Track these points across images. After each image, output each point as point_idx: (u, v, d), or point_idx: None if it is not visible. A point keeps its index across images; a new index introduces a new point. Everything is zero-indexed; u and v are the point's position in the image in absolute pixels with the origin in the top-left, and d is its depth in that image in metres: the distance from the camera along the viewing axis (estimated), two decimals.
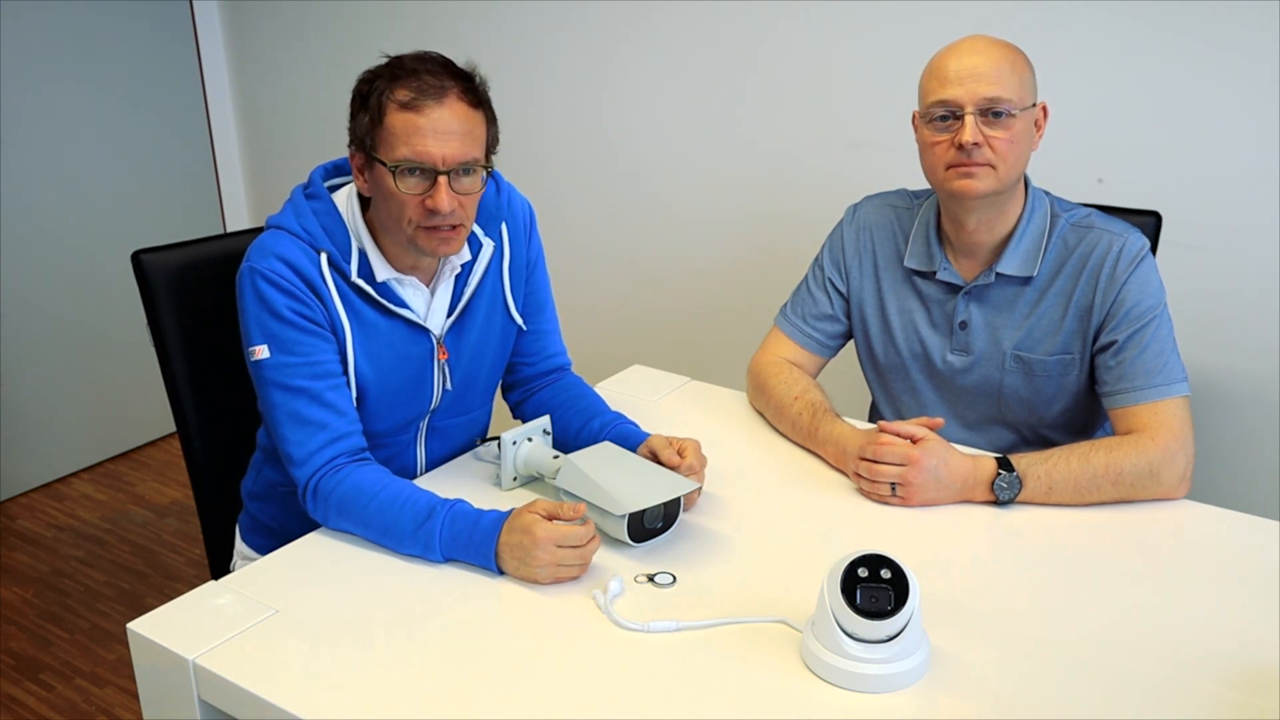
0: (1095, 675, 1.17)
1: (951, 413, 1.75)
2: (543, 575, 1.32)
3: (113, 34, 3.15)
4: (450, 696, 1.14)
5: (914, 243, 1.72)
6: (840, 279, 1.80)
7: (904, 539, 1.45)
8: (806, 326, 1.81)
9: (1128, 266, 1.59)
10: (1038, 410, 1.70)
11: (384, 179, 1.41)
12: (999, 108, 1.54)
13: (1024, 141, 1.57)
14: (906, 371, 1.77)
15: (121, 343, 3.28)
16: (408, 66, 1.40)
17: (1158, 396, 1.55)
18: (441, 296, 1.56)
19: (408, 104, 1.38)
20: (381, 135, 1.40)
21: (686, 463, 1.49)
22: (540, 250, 1.70)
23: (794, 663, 1.19)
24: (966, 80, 1.54)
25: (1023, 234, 1.63)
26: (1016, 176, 1.60)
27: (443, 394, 1.60)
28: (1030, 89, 1.58)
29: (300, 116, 3.29)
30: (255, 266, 1.44)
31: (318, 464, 1.44)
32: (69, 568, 2.84)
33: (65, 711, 2.31)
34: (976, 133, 1.54)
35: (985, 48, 1.56)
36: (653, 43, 2.58)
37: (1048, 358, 1.66)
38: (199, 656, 1.19)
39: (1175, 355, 1.58)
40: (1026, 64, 1.58)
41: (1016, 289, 1.66)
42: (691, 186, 2.65)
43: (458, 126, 1.39)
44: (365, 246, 1.49)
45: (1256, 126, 1.95)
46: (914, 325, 1.74)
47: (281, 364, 1.44)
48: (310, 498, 1.45)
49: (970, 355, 1.71)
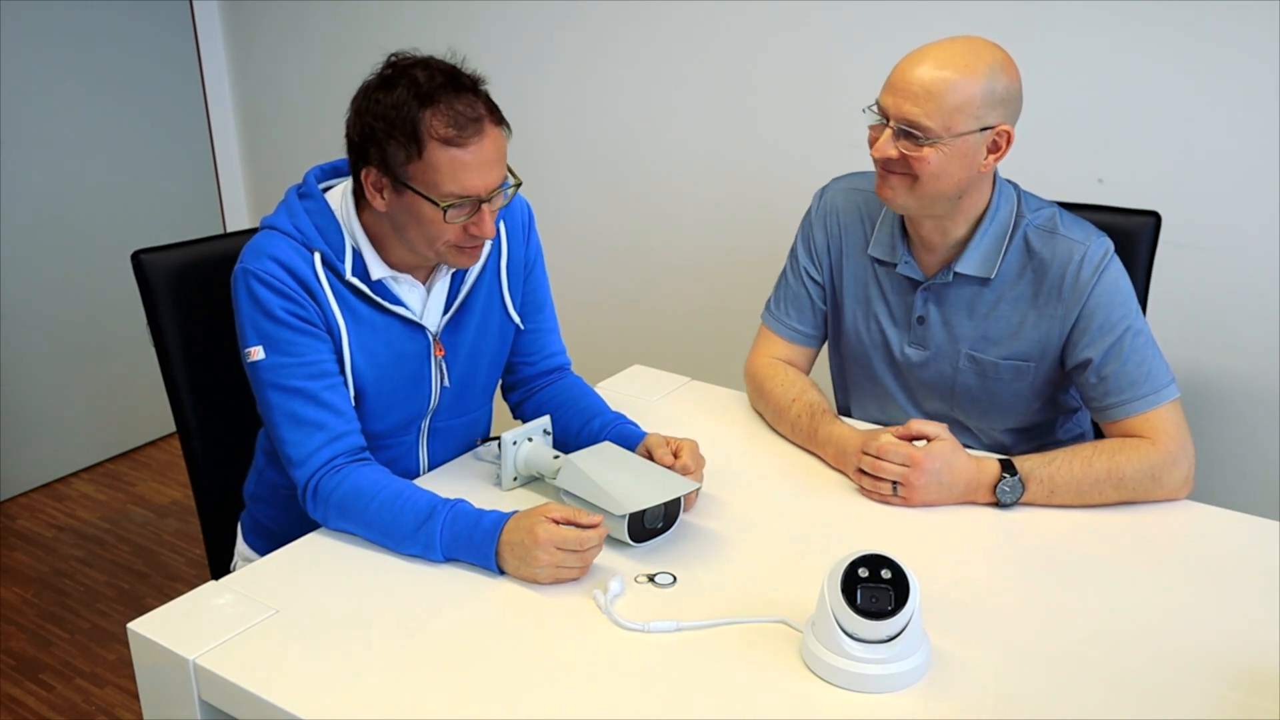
0: (1095, 675, 1.17)
1: (909, 405, 1.75)
2: (543, 575, 1.32)
3: (113, 34, 3.15)
4: (450, 696, 1.14)
5: (879, 231, 1.70)
6: (815, 267, 1.78)
7: (904, 539, 1.45)
8: (791, 320, 1.81)
9: (1091, 276, 1.55)
10: (989, 411, 1.69)
11: (422, 209, 1.39)
12: (915, 133, 1.48)
13: (950, 165, 1.50)
14: (868, 360, 1.76)
15: (121, 343, 3.28)
16: (433, 94, 1.35)
17: (1147, 407, 1.54)
18: (438, 294, 1.56)
19: (450, 140, 1.35)
20: (421, 170, 1.37)
21: (681, 463, 1.49)
22: (539, 250, 1.70)
23: (794, 663, 1.19)
24: (898, 92, 1.49)
25: (984, 234, 1.60)
26: (940, 197, 1.54)
27: (441, 392, 1.60)
28: (970, 116, 1.48)
29: (300, 116, 3.29)
30: (248, 268, 1.44)
31: (317, 464, 1.45)
32: (69, 568, 2.84)
33: (65, 711, 2.31)
34: (887, 147, 1.51)
35: (939, 63, 1.47)
36: (653, 43, 2.58)
37: (1001, 361, 1.64)
38: (199, 656, 1.19)
39: (1158, 359, 1.55)
40: (980, 89, 1.47)
41: (975, 289, 1.63)
42: (692, 186, 2.65)
43: (495, 155, 1.40)
44: (360, 245, 1.48)
45: (1256, 126, 1.95)
46: (874, 314, 1.73)
47: (277, 365, 1.45)
48: (310, 498, 1.45)
49: (926, 350, 1.69)
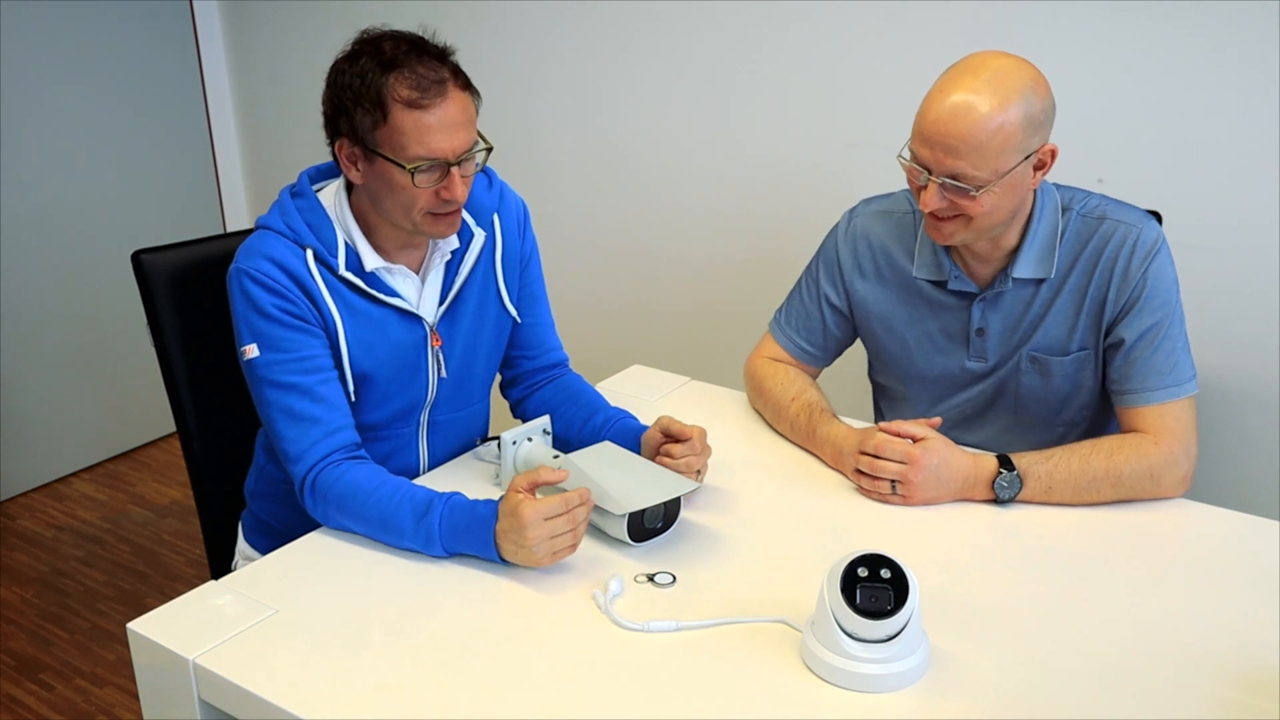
0: (1095, 675, 1.17)
1: (968, 418, 1.73)
2: (540, 554, 1.31)
3: (113, 34, 3.15)
4: (450, 696, 1.14)
5: (920, 253, 1.66)
6: (837, 293, 1.75)
7: (904, 539, 1.45)
8: (799, 339, 1.79)
9: (1143, 261, 1.54)
10: (1054, 407, 1.68)
11: (393, 175, 1.42)
12: (963, 184, 1.45)
13: (1004, 200, 1.48)
14: (922, 381, 1.73)
15: (121, 343, 3.28)
16: (396, 60, 1.39)
17: (1166, 398, 1.54)
18: (432, 284, 1.57)
19: (413, 102, 1.38)
20: (386, 134, 1.40)
21: (684, 460, 1.48)
22: (534, 246, 1.71)
23: (794, 663, 1.19)
24: (935, 145, 1.45)
25: (1034, 236, 1.58)
26: (997, 225, 1.53)
27: (439, 383, 1.61)
28: (1014, 152, 1.44)
29: (300, 116, 3.29)
30: (241, 267, 1.46)
31: (314, 459, 1.45)
32: (69, 568, 2.84)
33: (65, 711, 2.31)
34: (936, 201, 1.48)
35: (970, 105, 1.42)
36: (652, 42, 2.58)
37: (1064, 356, 1.63)
38: (199, 656, 1.19)
39: (1186, 353, 1.56)
40: (1020, 123, 1.43)
41: (1032, 290, 1.62)
42: (691, 186, 2.65)
43: (461, 117, 1.42)
44: (353, 238, 1.50)
45: (1256, 126, 1.95)
46: (928, 336, 1.70)
47: (271, 361, 1.46)
48: (309, 494, 1.45)
49: (987, 361, 1.67)
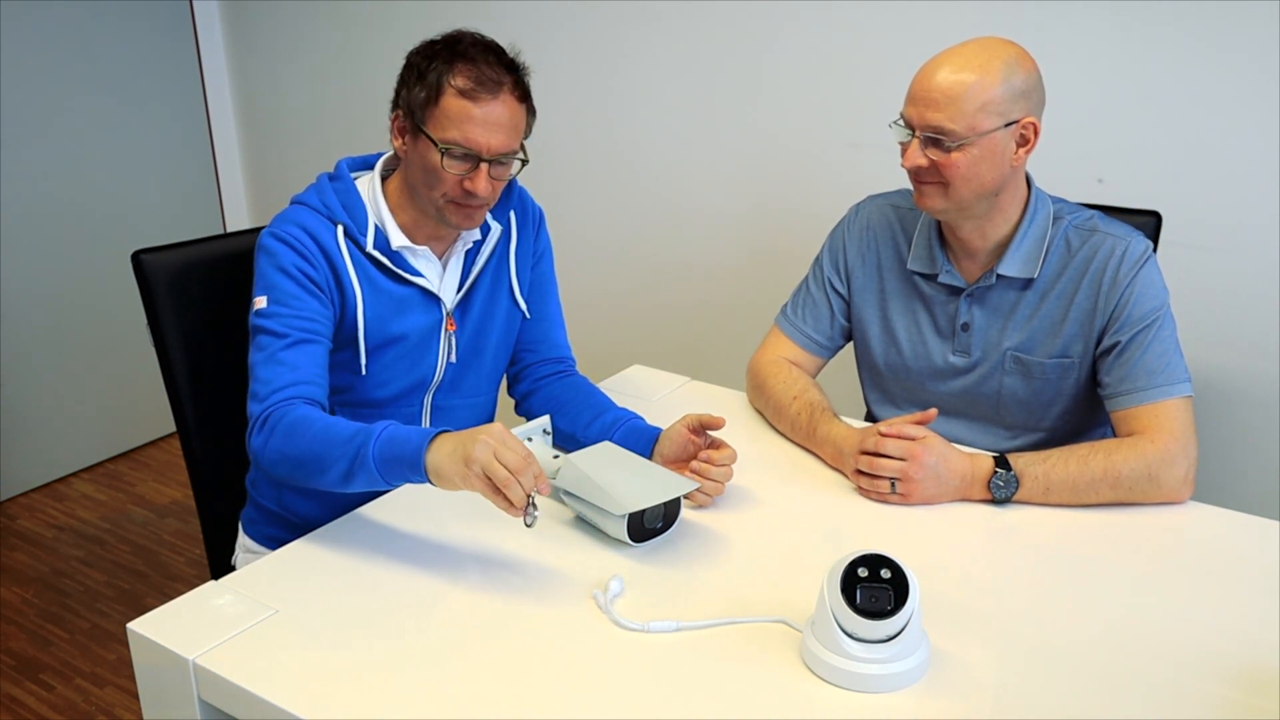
0: (1095, 675, 1.17)
1: (951, 414, 1.75)
2: (476, 453, 1.23)
3: (113, 34, 3.15)
4: (450, 696, 1.14)
5: (916, 245, 1.72)
6: (841, 281, 1.79)
7: (904, 538, 1.45)
8: (806, 328, 1.81)
9: (1130, 270, 1.58)
10: (1035, 413, 1.70)
11: (428, 152, 1.48)
12: (940, 138, 1.52)
13: (981, 165, 1.53)
14: (908, 373, 1.77)
15: (121, 343, 3.28)
16: (467, 52, 1.46)
17: (1160, 397, 1.55)
18: (453, 269, 1.62)
19: (465, 92, 1.44)
20: (434, 113, 1.46)
21: (722, 470, 1.50)
22: (548, 246, 1.76)
23: (794, 663, 1.19)
24: (920, 102, 1.53)
25: (1024, 236, 1.63)
26: (975, 196, 1.57)
27: (447, 367, 1.63)
28: (993, 114, 1.50)
29: (300, 116, 3.29)
30: (272, 230, 1.53)
31: (277, 399, 1.43)
32: (69, 568, 2.84)
33: (65, 711, 2.31)
34: (916, 157, 1.55)
35: (956, 68, 1.50)
36: (655, 43, 2.58)
37: (1046, 360, 1.65)
38: (199, 656, 1.19)
39: (1178, 355, 1.57)
40: (1000, 86, 1.50)
41: (1018, 291, 1.66)
42: (692, 186, 2.65)
43: (506, 120, 1.47)
44: (383, 220, 1.56)
45: (1256, 126, 1.95)
46: (917, 327, 1.74)
47: (274, 313, 1.49)
48: (258, 429, 1.43)
49: (970, 357, 1.71)
